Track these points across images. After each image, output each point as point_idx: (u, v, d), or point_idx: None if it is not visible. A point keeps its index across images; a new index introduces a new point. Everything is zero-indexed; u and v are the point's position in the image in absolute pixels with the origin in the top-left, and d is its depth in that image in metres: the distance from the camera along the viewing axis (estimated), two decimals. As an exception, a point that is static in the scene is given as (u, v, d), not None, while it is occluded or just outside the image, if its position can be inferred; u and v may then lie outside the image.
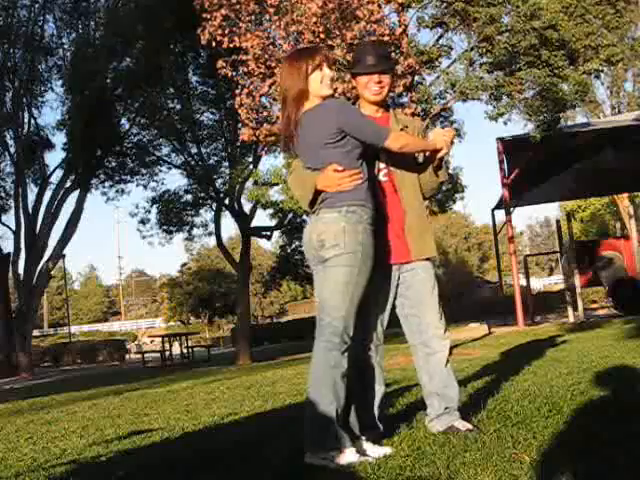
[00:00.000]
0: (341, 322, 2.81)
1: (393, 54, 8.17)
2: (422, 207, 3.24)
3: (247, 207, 17.16)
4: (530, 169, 13.17)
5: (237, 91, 8.97)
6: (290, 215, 18.04)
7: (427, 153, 3.16)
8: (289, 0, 8.29)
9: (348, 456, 2.72)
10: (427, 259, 3.19)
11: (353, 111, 2.96)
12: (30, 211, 22.43)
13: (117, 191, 18.80)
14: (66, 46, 21.81)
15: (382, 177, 3.14)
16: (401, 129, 3.21)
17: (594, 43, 8.64)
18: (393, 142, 2.90)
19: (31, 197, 22.64)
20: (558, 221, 16.85)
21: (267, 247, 48.99)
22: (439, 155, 3.09)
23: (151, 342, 36.24)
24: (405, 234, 3.12)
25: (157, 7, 14.10)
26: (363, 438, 2.93)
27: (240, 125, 13.88)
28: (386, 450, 2.85)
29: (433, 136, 3.10)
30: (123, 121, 17.91)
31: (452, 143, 3.10)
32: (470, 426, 3.03)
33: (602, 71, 9.58)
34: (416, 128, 3.30)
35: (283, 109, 2.99)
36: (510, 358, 6.11)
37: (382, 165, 3.14)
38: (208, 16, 8.87)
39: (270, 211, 17.09)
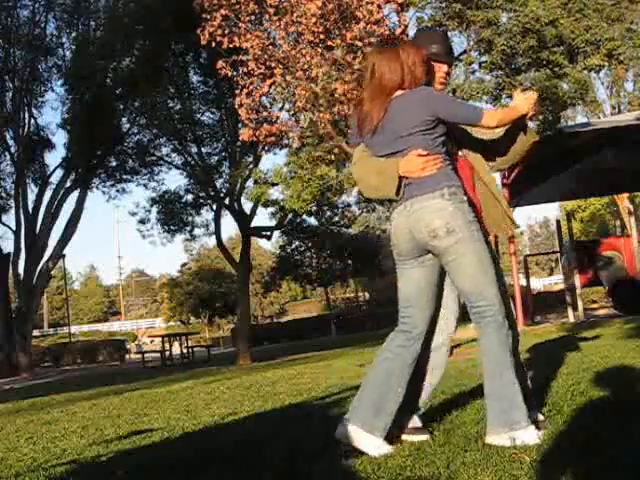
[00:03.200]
0: (495, 301, 2.80)
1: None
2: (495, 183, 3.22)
3: (247, 207, 17.19)
4: (530, 169, 13.16)
5: (237, 91, 8.97)
6: (290, 215, 18.05)
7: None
8: (289, 0, 8.29)
9: (531, 435, 2.69)
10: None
11: (444, 96, 2.96)
12: (30, 211, 22.44)
13: (118, 191, 18.85)
14: (66, 46, 21.85)
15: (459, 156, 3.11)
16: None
17: (594, 38, 8.63)
18: (489, 119, 2.85)
19: (31, 197, 22.70)
20: (558, 221, 16.85)
21: (267, 247, 49.08)
22: (527, 118, 3.00)
23: (151, 342, 36.25)
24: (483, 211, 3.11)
25: (157, 7, 14.10)
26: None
27: (240, 125, 13.92)
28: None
29: (516, 101, 2.99)
30: (123, 121, 17.92)
31: (536, 104, 3.00)
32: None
33: (603, 66, 9.56)
34: None
35: (371, 96, 2.91)
36: (510, 358, 6.08)
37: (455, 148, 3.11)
38: (208, 16, 8.87)
39: (270, 211, 17.10)
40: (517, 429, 2.69)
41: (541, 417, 3.05)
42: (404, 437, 3.03)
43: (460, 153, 3.13)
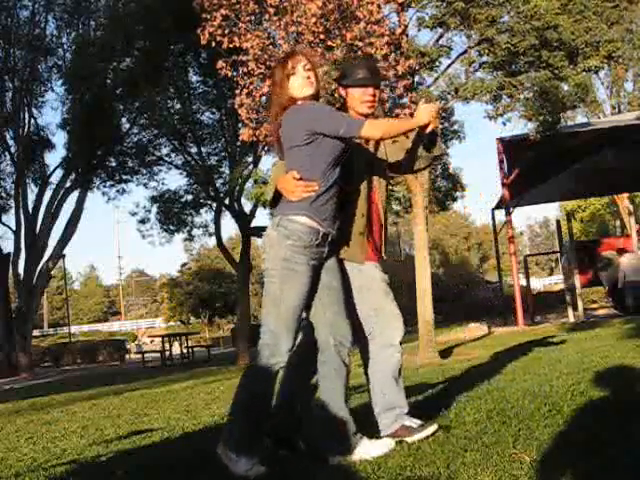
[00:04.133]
0: (269, 338, 2.84)
1: (393, 55, 8.17)
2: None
3: (247, 207, 17.18)
4: (530, 169, 13.17)
5: (237, 91, 8.96)
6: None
7: (413, 132, 3.12)
8: (289, 0, 8.28)
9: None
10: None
11: (324, 110, 2.93)
12: (30, 211, 22.43)
13: (118, 191, 18.82)
14: (66, 46, 21.84)
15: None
16: (393, 141, 3.24)
17: (594, 39, 8.62)
18: (371, 130, 2.83)
19: (31, 197, 22.68)
20: (558, 221, 16.86)
21: (267, 247, 48.93)
22: (427, 130, 3.02)
23: (151, 342, 36.22)
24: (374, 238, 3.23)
25: (157, 7, 14.09)
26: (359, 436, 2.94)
27: (240, 125, 13.91)
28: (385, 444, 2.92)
29: (417, 112, 3.01)
30: (123, 121, 17.91)
31: (438, 116, 3.03)
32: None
33: (602, 68, 9.56)
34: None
35: (272, 116, 3.02)
36: (510, 358, 6.11)
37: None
38: (208, 16, 8.87)
39: (270, 211, 17.09)
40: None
41: (412, 423, 3.06)
42: (417, 437, 3.01)
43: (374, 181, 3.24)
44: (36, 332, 39.75)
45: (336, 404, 2.91)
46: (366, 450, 2.84)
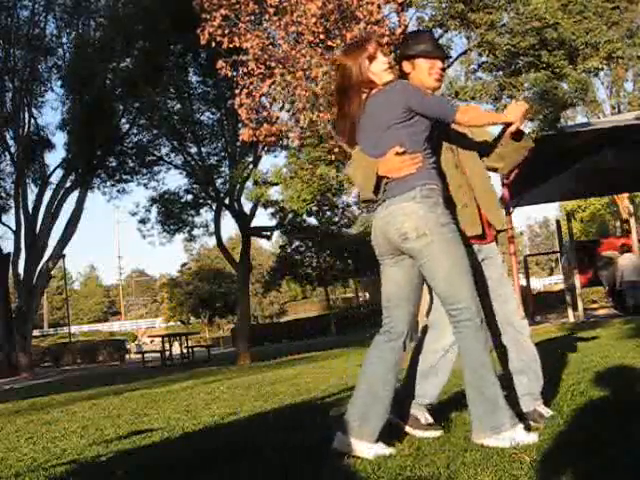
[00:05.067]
0: (472, 303, 2.77)
1: (393, 55, 8.17)
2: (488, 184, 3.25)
3: (247, 207, 17.19)
4: (530, 169, 13.15)
5: (237, 91, 8.96)
6: (290, 215, 18.05)
7: (499, 127, 3.11)
8: (289, 0, 8.29)
9: (520, 434, 2.69)
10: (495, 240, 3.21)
11: (417, 89, 2.91)
12: (30, 211, 22.44)
13: (118, 191, 18.83)
14: (66, 46, 21.84)
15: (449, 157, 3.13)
16: None
17: (594, 40, 8.62)
18: (461, 115, 2.82)
19: (31, 197, 22.70)
20: (558, 221, 16.85)
21: (267, 247, 49.08)
22: (510, 129, 3.01)
23: (151, 342, 36.24)
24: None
25: (156, 8, 14.10)
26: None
27: (240, 125, 13.91)
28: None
29: (508, 109, 2.98)
30: (123, 121, 17.92)
31: (525, 116, 3.00)
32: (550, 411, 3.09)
33: (602, 69, 9.56)
34: None
35: (342, 103, 2.97)
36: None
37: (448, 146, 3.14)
38: (208, 16, 8.87)
39: (270, 211, 17.10)
40: (502, 431, 2.69)
41: (544, 411, 3.06)
42: (417, 433, 3.03)
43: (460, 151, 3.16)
44: (36, 332, 39.77)
45: (379, 395, 2.87)
46: (379, 451, 2.83)
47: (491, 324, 3.10)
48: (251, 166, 16.40)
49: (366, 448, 2.81)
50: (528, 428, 2.80)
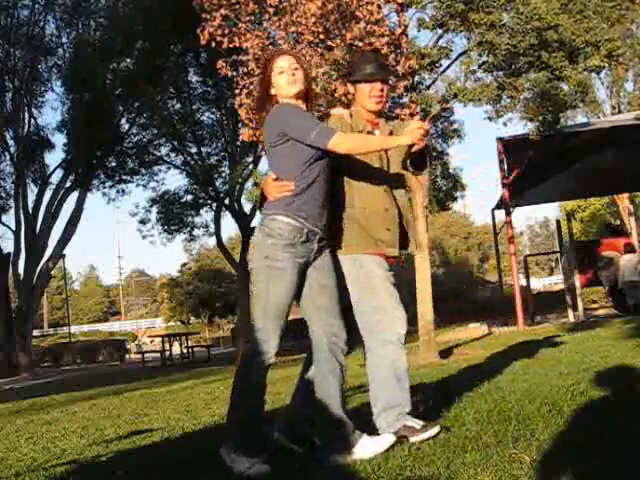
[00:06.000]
0: (255, 333, 2.89)
1: (393, 55, 8.17)
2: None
3: (247, 207, 17.19)
4: (530, 169, 13.16)
5: (237, 91, 8.96)
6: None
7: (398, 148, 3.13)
8: (289, 0, 8.28)
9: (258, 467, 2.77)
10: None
11: (297, 114, 2.91)
12: (30, 211, 22.44)
13: (117, 191, 18.83)
14: (66, 46, 21.84)
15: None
16: (390, 132, 3.24)
17: (594, 39, 8.60)
18: (338, 144, 2.82)
19: (31, 197, 22.69)
20: (558, 221, 16.84)
21: (267, 247, 48.93)
22: (413, 149, 3.03)
23: (151, 342, 36.24)
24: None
25: (156, 8, 14.10)
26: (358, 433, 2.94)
27: (240, 125, 13.90)
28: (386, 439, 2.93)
29: (404, 131, 3.00)
30: (123, 121, 17.92)
31: (425, 136, 2.97)
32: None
33: (603, 67, 9.54)
34: (405, 130, 3.31)
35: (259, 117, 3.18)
36: (510, 358, 6.10)
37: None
38: (208, 16, 8.86)
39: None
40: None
41: (415, 424, 3.05)
42: (422, 437, 2.99)
43: None
44: (36, 332, 39.75)
45: (331, 403, 2.90)
46: (366, 446, 2.84)
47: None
48: (251, 166, 16.40)
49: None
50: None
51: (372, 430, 3.06)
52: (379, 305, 3.11)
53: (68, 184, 21.88)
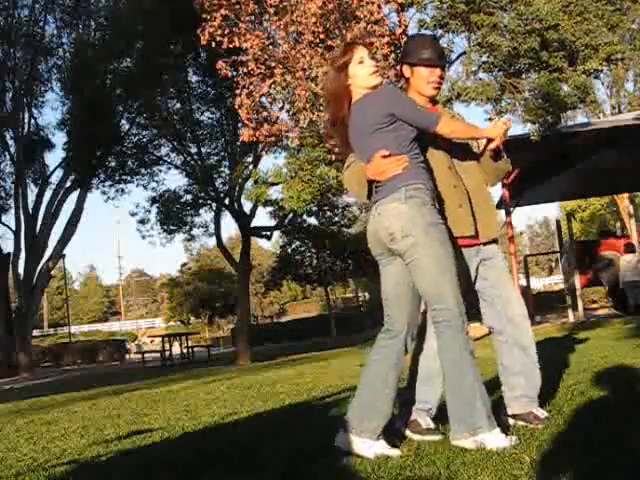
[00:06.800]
0: (453, 305, 2.78)
1: (393, 55, 8.18)
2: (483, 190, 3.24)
3: (247, 207, 17.18)
4: (530, 169, 13.16)
5: (237, 91, 8.96)
6: (290, 215, 18.04)
7: (481, 142, 3.14)
8: (289, 0, 8.29)
9: (494, 438, 2.69)
10: (493, 241, 3.18)
11: (402, 96, 2.93)
12: (30, 211, 22.45)
13: (117, 191, 18.80)
14: (66, 46, 21.85)
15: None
16: None
17: (594, 42, 8.61)
18: (443, 126, 2.86)
19: (31, 197, 22.71)
20: (558, 221, 16.85)
21: (267, 247, 49.07)
22: (491, 145, 3.04)
23: (151, 342, 36.30)
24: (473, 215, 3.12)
25: (156, 8, 14.10)
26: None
27: (240, 125, 13.91)
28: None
29: (489, 126, 3.06)
30: (123, 121, 17.90)
31: (506, 135, 3.03)
32: (546, 414, 3.08)
33: (602, 71, 9.55)
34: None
35: (333, 110, 3.00)
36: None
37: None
38: (208, 16, 8.87)
39: (270, 210, 17.10)
40: (479, 433, 2.70)
41: (540, 414, 3.06)
42: (416, 437, 3.04)
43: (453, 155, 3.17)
44: (36, 332, 39.79)
45: (379, 393, 2.88)
46: (379, 450, 2.83)
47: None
48: (251, 166, 16.40)
49: (366, 446, 2.81)
50: (505, 432, 2.79)
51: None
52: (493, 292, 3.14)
53: (68, 184, 21.89)
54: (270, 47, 8.74)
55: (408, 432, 3.08)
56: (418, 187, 2.81)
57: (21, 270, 22.52)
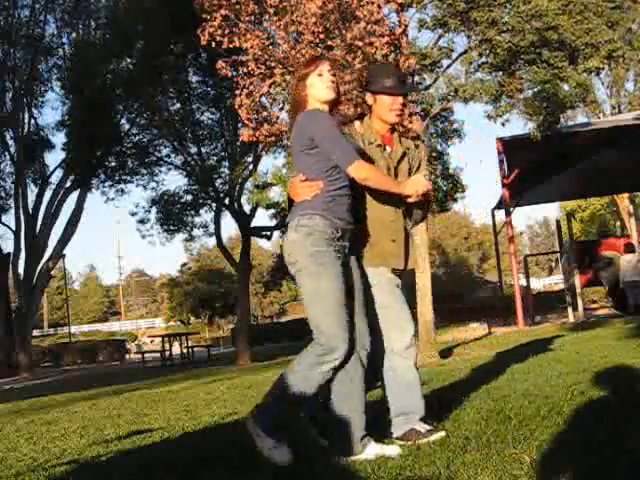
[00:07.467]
0: (325, 338, 2.80)
1: (393, 55, 8.17)
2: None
3: (247, 207, 17.16)
4: (530, 169, 13.17)
5: (237, 91, 8.96)
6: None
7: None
8: (289, 0, 8.28)
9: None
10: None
11: (329, 126, 2.90)
12: (30, 211, 22.45)
13: (117, 191, 18.79)
14: (66, 46, 21.86)
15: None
16: (403, 153, 3.25)
17: (594, 40, 8.60)
18: (356, 171, 2.86)
19: (31, 197, 22.71)
20: (558, 221, 16.85)
21: (267, 247, 49.04)
22: (407, 200, 3.08)
23: (151, 342, 36.28)
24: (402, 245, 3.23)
25: (157, 8, 14.09)
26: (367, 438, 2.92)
27: (240, 125, 13.90)
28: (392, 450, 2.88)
29: (410, 181, 3.08)
30: (123, 121, 17.90)
31: (425, 195, 3.05)
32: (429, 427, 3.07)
33: (602, 69, 9.55)
34: (415, 157, 3.34)
35: (290, 118, 3.11)
36: (510, 358, 6.11)
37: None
38: (208, 16, 8.86)
39: (272, 211, 17.09)
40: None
41: (421, 428, 3.06)
42: (423, 442, 2.99)
43: None
44: (36, 332, 39.80)
45: (350, 407, 2.88)
46: (371, 449, 2.84)
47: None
48: (251, 166, 16.39)
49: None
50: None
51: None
52: (382, 317, 3.12)
53: (68, 184, 21.90)
54: (270, 47, 8.73)
55: (416, 443, 3.01)
56: (312, 217, 2.84)
57: (21, 270, 22.53)
